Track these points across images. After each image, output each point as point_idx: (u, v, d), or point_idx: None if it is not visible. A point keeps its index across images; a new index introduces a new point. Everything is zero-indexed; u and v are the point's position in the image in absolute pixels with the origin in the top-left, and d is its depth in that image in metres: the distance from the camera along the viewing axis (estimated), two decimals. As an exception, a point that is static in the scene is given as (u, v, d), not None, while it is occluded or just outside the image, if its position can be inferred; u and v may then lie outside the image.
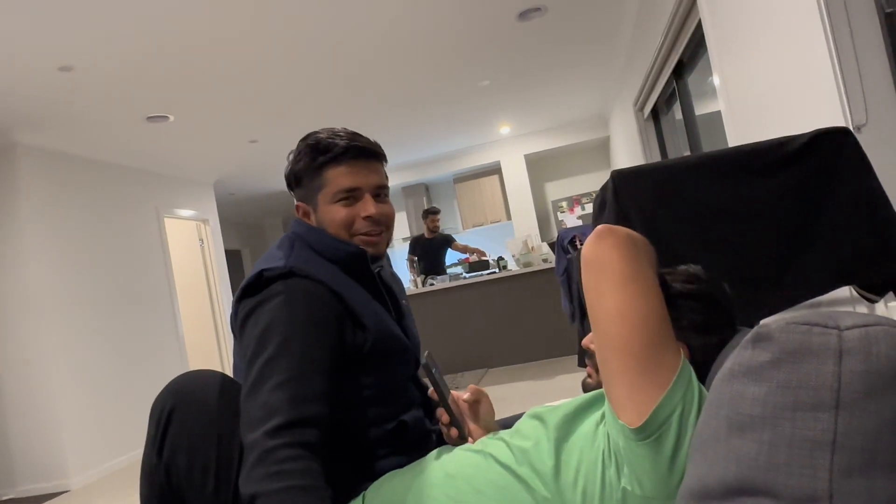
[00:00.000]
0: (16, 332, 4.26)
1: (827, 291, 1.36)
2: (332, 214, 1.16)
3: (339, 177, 1.15)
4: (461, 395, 1.13)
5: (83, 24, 3.03)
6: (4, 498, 4.23)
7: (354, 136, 1.18)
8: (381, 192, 1.20)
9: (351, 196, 1.16)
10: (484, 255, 6.29)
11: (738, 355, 0.53)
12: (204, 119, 4.76)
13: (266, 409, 0.91)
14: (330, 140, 1.16)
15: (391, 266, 1.39)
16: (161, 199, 5.75)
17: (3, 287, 4.27)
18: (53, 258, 4.38)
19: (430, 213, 6.18)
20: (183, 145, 5.31)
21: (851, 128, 1.61)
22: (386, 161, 1.25)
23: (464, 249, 6.30)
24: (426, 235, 6.25)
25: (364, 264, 1.15)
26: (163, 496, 0.96)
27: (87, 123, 4.37)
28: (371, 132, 5.78)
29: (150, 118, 4.48)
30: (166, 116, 4.52)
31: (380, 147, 1.23)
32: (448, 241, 6.36)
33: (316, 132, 1.19)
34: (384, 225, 1.20)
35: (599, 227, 0.87)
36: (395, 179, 8.05)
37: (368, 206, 1.16)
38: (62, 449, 4.17)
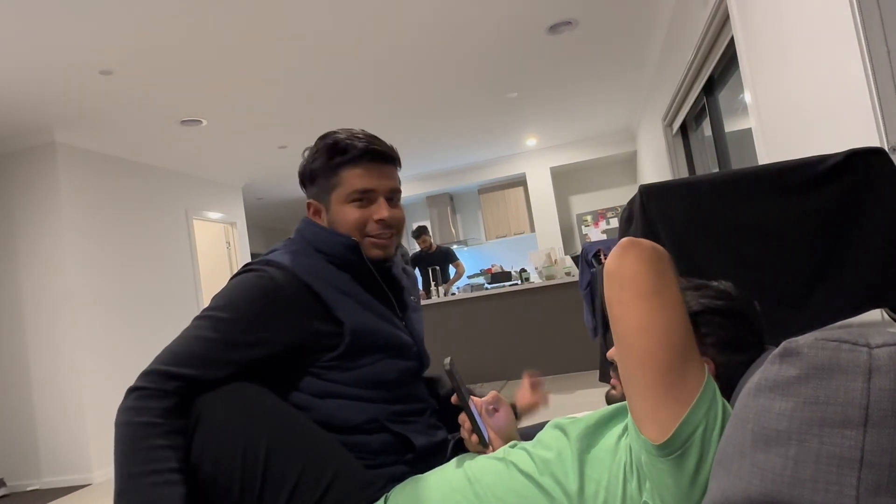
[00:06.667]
0: (47, 328, 4.37)
1: (857, 313, 1.33)
2: (344, 215, 1.16)
3: (354, 178, 1.15)
4: (480, 400, 1.14)
5: (124, 30, 3.13)
6: (29, 488, 4.32)
7: (372, 138, 1.19)
8: (394, 196, 1.21)
9: (365, 198, 1.16)
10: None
11: (766, 370, 0.53)
12: (236, 124, 4.86)
13: (163, 352, 1.01)
14: (348, 141, 1.16)
15: (407, 262, 1.40)
16: (191, 201, 5.87)
17: (40, 283, 4.39)
18: (87, 256, 4.49)
19: (423, 233, 6.35)
20: (214, 149, 5.41)
21: (886, 148, 1.59)
22: (400, 166, 1.25)
23: (458, 266, 6.59)
24: (425, 250, 6.44)
25: (358, 256, 1.15)
26: (189, 495, 0.97)
27: (124, 125, 4.49)
28: (398, 140, 5.84)
29: (184, 121, 4.59)
30: (200, 120, 4.62)
31: (396, 152, 1.23)
32: (449, 256, 6.58)
33: (334, 132, 1.19)
34: (395, 229, 1.20)
35: (624, 239, 0.86)
36: (420, 188, 8.08)
37: (381, 210, 1.17)
38: (86, 444, 4.26)
